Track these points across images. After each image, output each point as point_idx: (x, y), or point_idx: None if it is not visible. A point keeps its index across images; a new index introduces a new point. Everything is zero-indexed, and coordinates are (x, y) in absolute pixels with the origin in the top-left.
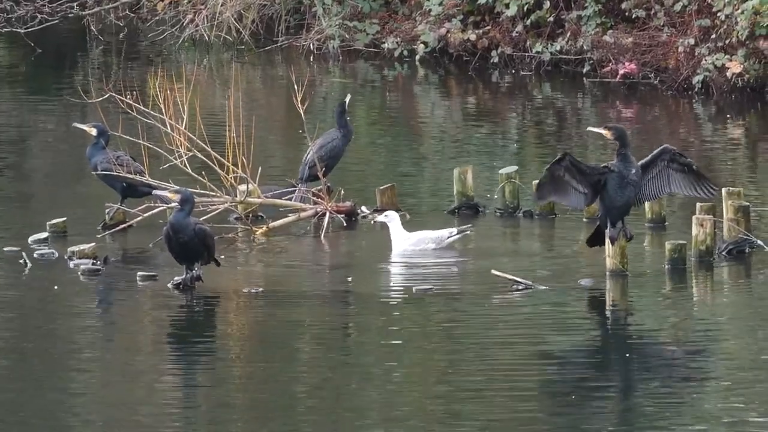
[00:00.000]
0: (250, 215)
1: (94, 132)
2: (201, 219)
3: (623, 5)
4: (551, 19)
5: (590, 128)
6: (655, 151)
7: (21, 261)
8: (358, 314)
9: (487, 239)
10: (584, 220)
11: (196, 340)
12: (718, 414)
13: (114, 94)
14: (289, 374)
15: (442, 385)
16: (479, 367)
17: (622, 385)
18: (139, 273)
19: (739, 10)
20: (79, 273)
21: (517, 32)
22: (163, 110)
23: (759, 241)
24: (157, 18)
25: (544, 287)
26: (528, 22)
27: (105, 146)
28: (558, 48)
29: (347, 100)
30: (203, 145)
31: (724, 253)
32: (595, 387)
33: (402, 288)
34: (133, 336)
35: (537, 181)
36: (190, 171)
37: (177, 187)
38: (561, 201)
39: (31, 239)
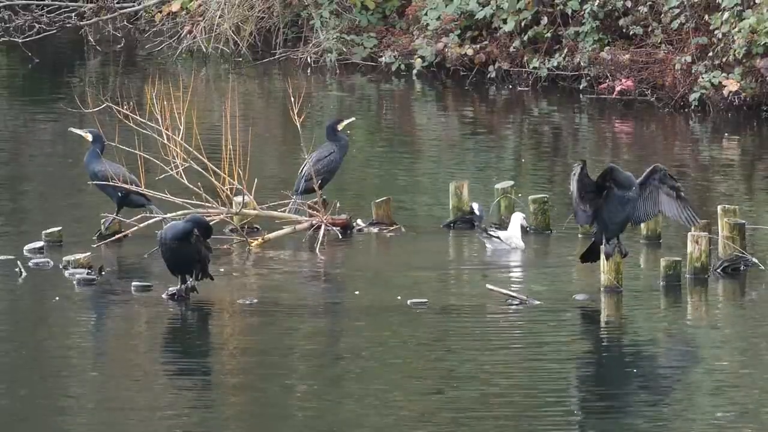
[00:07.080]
0: (245, 227)
1: (89, 137)
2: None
3: (621, 22)
4: (548, 35)
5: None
6: (647, 171)
7: (16, 270)
8: (352, 326)
9: (482, 253)
10: (579, 235)
11: (190, 351)
12: (713, 430)
13: (111, 105)
14: (282, 386)
15: (435, 401)
16: (473, 383)
17: (618, 402)
18: (133, 283)
19: (737, 29)
20: (74, 282)
21: (514, 48)
22: (160, 121)
23: (754, 259)
24: (155, 29)
25: (539, 302)
26: (525, 37)
27: (101, 154)
28: (555, 64)
29: (347, 121)
30: (199, 156)
31: (719, 270)
32: (592, 403)
33: (396, 301)
34: (126, 346)
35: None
36: (186, 182)
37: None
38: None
39: (26, 248)
